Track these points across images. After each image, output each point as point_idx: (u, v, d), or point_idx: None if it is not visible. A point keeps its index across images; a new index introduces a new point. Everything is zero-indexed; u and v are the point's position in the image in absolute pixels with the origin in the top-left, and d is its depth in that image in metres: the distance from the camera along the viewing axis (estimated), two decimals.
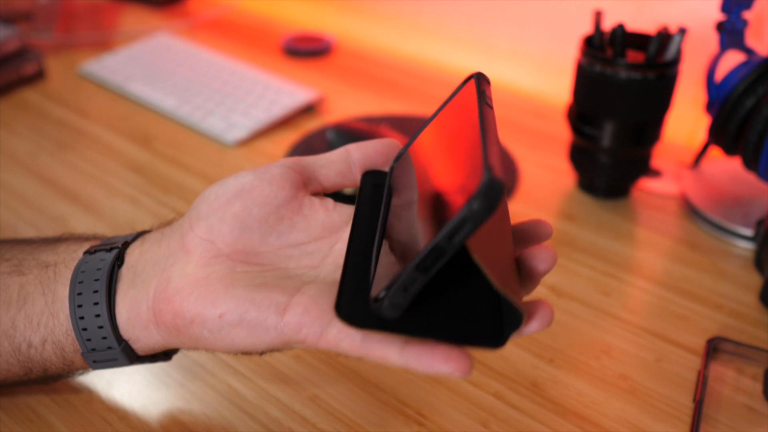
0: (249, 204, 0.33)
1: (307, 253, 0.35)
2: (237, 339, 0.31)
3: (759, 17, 0.68)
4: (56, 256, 0.37)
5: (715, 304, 0.52)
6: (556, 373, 0.46)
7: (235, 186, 0.34)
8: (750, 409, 0.44)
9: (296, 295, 0.31)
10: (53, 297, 0.36)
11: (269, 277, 0.33)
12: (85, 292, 0.35)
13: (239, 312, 0.31)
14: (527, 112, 0.80)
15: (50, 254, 0.38)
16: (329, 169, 0.37)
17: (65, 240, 0.39)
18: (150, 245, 0.36)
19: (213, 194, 0.34)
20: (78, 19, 1.02)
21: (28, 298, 0.36)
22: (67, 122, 0.76)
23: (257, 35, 0.99)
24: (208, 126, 0.74)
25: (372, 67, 0.91)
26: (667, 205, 0.64)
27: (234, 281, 0.32)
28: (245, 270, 0.33)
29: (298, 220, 0.35)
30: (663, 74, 0.57)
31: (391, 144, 0.38)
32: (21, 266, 0.37)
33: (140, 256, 0.35)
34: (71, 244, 0.38)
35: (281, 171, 0.34)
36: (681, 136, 0.76)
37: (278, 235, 0.34)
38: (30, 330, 0.36)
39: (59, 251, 0.38)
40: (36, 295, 0.36)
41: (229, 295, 0.31)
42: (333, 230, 0.35)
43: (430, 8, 0.94)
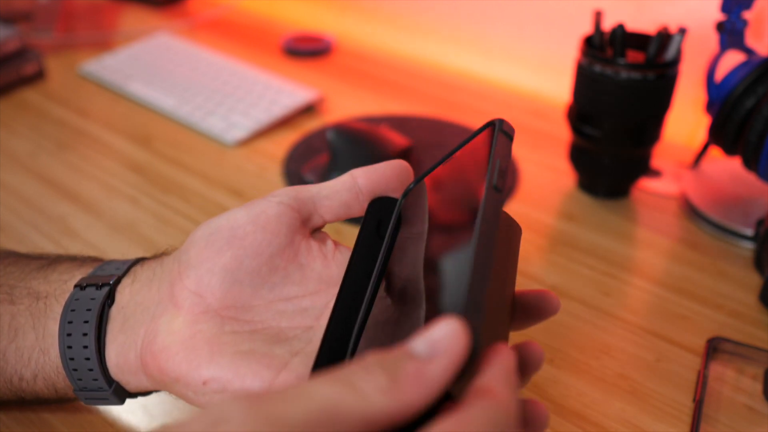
0: (241, 254, 0.32)
1: (301, 309, 0.33)
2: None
3: (759, 17, 0.68)
4: (48, 285, 0.36)
5: (715, 304, 0.52)
6: (556, 373, 0.46)
7: (227, 230, 0.32)
8: (750, 409, 0.44)
9: (282, 372, 0.30)
10: (44, 332, 0.35)
11: (258, 342, 0.31)
12: (75, 333, 0.33)
13: (223, 382, 0.30)
14: (527, 112, 0.80)
15: (42, 283, 0.36)
16: (333, 200, 0.34)
17: (57, 265, 0.38)
18: (141, 286, 0.34)
19: (204, 239, 0.32)
20: (78, 19, 1.02)
21: (19, 330, 0.35)
22: (67, 122, 0.76)
23: (257, 35, 0.99)
24: (208, 126, 0.74)
25: (372, 67, 0.91)
26: (667, 205, 0.64)
27: (221, 346, 0.31)
28: (234, 330, 0.31)
29: (293, 270, 0.33)
30: (663, 74, 0.57)
31: (401, 168, 0.35)
32: (12, 294, 0.36)
33: (131, 297, 0.34)
34: (63, 273, 0.37)
35: (277, 212, 0.33)
36: (681, 136, 0.76)
37: (271, 288, 0.32)
38: (21, 364, 0.35)
39: (51, 280, 0.36)
40: (27, 328, 0.35)
41: (214, 363, 0.30)
42: (330, 283, 0.34)
43: (430, 8, 0.94)
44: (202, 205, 0.63)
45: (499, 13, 0.88)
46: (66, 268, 0.37)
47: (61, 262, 0.38)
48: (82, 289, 0.35)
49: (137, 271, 0.35)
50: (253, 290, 0.32)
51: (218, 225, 0.32)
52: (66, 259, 0.38)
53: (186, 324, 0.31)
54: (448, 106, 0.81)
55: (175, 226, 0.60)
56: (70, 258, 0.39)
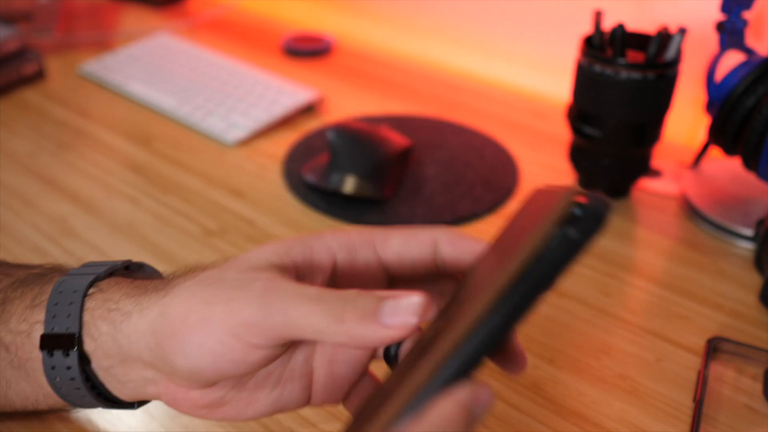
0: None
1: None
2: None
3: (759, 17, 0.68)
4: (12, 336, 0.34)
5: (715, 304, 0.52)
6: (556, 373, 0.46)
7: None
8: (750, 409, 0.44)
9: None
10: (39, 383, 0.34)
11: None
12: (73, 396, 0.33)
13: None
14: (527, 112, 0.80)
15: (5, 332, 0.34)
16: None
17: (9, 306, 0.35)
18: (115, 351, 0.32)
19: (181, 356, 0.30)
20: (78, 19, 1.02)
21: (11, 381, 0.34)
22: (67, 122, 0.76)
23: (257, 35, 0.99)
24: (208, 126, 0.74)
25: (372, 67, 0.91)
26: (667, 205, 0.64)
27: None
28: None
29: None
30: (663, 74, 0.57)
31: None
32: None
33: (107, 360, 0.32)
34: (20, 321, 0.34)
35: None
36: (681, 136, 0.76)
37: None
38: (30, 402, 0.35)
39: (11, 328, 0.34)
40: (17, 379, 0.34)
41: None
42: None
43: (430, 8, 0.94)
44: (202, 205, 0.63)
45: (499, 13, 0.88)
46: (21, 312, 0.34)
47: (12, 301, 0.35)
48: (50, 355, 0.32)
49: (95, 334, 0.32)
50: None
51: (198, 364, 0.30)
52: (15, 296, 0.35)
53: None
54: (448, 106, 0.81)
55: (175, 226, 0.60)
56: (18, 292, 0.35)
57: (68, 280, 0.34)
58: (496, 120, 0.78)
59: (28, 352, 0.33)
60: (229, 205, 0.63)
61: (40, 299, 0.34)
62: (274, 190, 0.65)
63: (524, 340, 0.49)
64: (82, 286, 0.33)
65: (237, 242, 0.58)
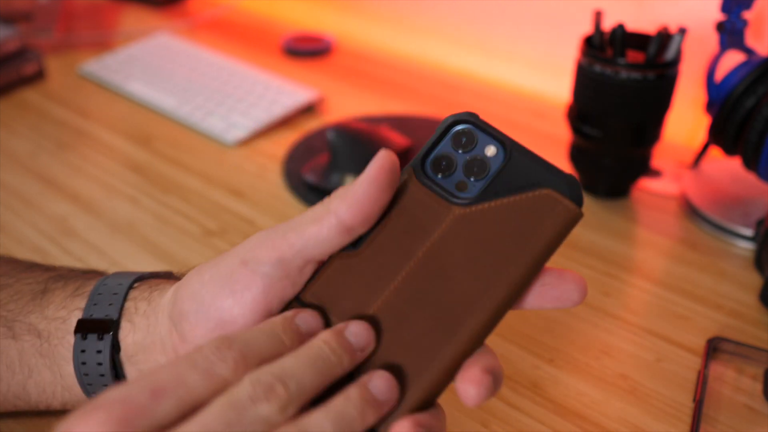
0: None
1: None
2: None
3: (759, 17, 0.68)
4: (47, 323, 0.35)
5: (715, 304, 0.52)
6: (556, 373, 0.46)
7: (216, 322, 0.30)
8: (750, 409, 0.44)
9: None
10: (60, 373, 0.35)
11: None
12: (95, 383, 0.34)
13: None
14: (527, 112, 0.80)
15: (40, 319, 0.36)
16: (324, 249, 0.30)
17: (50, 295, 0.36)
18: (143, 336, 0.33)
19: (199, 325, 0.30)
20: (78, 19, 1.02)
21: (34, 369, 0.35)
22: (67, 122, 0.76)
23: (257, 35, 0.99)
24: (208, 126, 0.74)
25: (372, 67, 0.91)
26: (667, 205, 0.64)
27: None
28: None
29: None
30: (663, 74, 0.57)
31: (386, 172, 0.31)
32: (12, 329, 0.36)
33: (135, 349, 0.34)
34: (58, 308, 0.36)
35: (264, 288, 0.30)
36: (681, 136, 0.76)
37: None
38: (45, 397, 0.36)
39: (48, 317, 0.36)
40: (41, 367, 0.35)
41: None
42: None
43: (430, 8, 0.94)
44: (202, 205, 0.63)
45: (499, 13, 0.88)
46: (60, 301, 0.36)
47: (53, 291, 0.37)
48: (83, 338, 0.34)
49: (133, 317, 0.34)
50: None
51: (208, 315, 0.30)
52: (56, 286, 0.37)
53: None
54: (448, 106, 0.81)
55: (175, 226, 0.60)
56: (60, 283, 0.37)
57: (113, 277, 0.36)
58: (496, 120, 0.78)
59: (60, 337, 0.35)
60: (229, 205, 0.63)
61: (83, 290, 0.36)
62: (274, 190, 0.65)
63: (524, 340, 0.49)
64: (129, 280, 0.35)
65: (237, 242, 0.58)
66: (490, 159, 0.30)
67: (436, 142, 0.31)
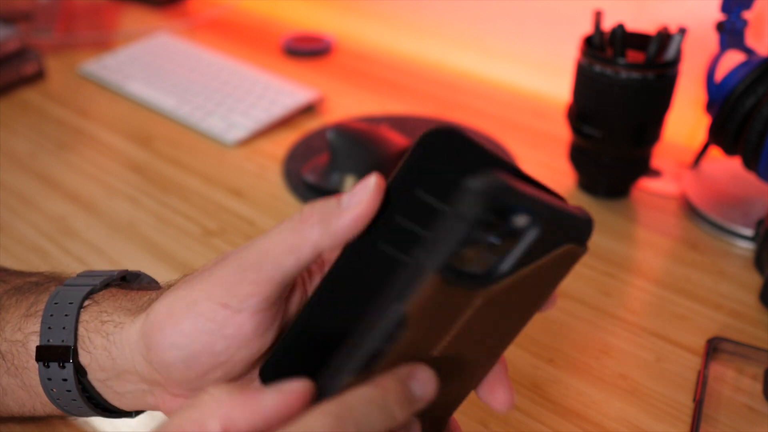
0: (230, 370, 0.30)
1: None
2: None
3: (759, 17, 0.68)
4: (8, 344, 0.34)
5: (715, 304, 0.52)
6: (556, 373, 0.46)
7: (206, 356, 0.29)
8: (750, 409, 0.44)
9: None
10: (35, 392, 0.34)
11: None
12: (69, 407, 0.33)
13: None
14: (527, 112, 0.80)
15: (0, 340, 0.34)
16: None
17: (4, 313, 0.35)
18: (110, 366, 0.32)
19: (181, 362, 0.30)
20: (78, 19, 1.02)
21: (7, 389, 0.34)
22: (67, 122, 0.76)
23: (257, 35, 0.99)
24: (208, 126, 0.74)
25: (372, 67, 0.91)
26: (667, 205, 0.64)
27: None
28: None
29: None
30: (663, 74, 0.57)
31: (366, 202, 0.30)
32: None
33: (103, 373, 0.33)
34: (14, 330, 0.34)
35: (254, 326, 0.29)
36: (681, 136, 0.76)
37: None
38: (26, 409, 0.35)
39: (6, 337, 0.34)
40: (14, 387, 0.34)
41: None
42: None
43: (429, 8, 0.94)
44: (202, 205, 0.63)
45: (499, 13, 0.88)
46: (15, 321, 0.34)
47: (8, 309, 0.35)
48: (46, 366, 0.32)
49: (91, 349, 0.32)
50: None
51: (201, 361, 0.29)
52: (9, 303, 0.35)
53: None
54: (448, 106, 0.81)
55: (175, 226, 0.60)
56: (13, 300, 0.35)
57: (64, 291, 0.34)
58: (496, 120, 0.78)
59: (24, 361, 0.33)
60: (229, 205, 0.63)
61: (35, 308, 0.34)
62: (273, 190, 0.65)
63: (524, 339, 0.49)
64: (78, 297, 0.33)
65: (237, 242, 0.58)
66: (519, 231, 0.25)
67: (465, 232, 0.23)
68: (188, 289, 0.29)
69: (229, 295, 0.28)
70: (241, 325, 0.28)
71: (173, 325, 0.29)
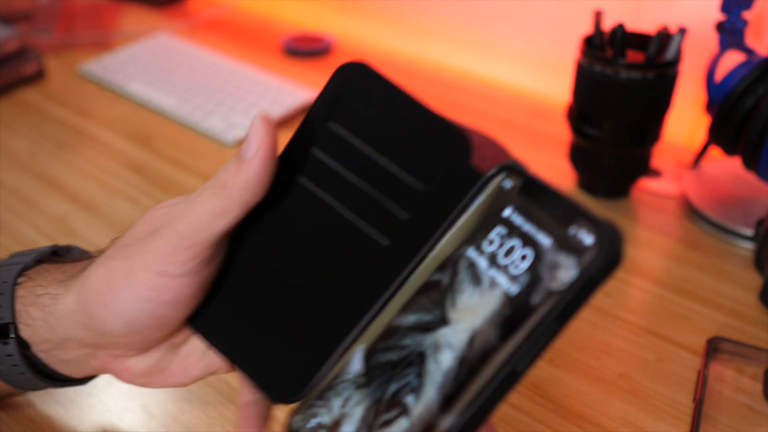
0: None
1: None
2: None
3: (759, 17, 0.68)
4: None
5: (715, 304, 0.52)
6: (556, 373, 0.46)
7: (157, 325, 0.31)
8: (750, 409, 0.44)
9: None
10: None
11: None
12: (17, 378, 0.34)
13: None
14: (527, 112, 0.80)
15: None
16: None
17: None
18: (51, 336, 0.33)
19: (125, 329, 0.31)
20: (78, 19, 1.02)
21: None
22: (67, 122, 0.76)
23: (257, 35, 0.99)
24: (208, 126, 0.74)
25: None
26: (667, 205, 0.64)
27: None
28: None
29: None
30: (663, 74, 0.57)
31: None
32: None
33: (46, 344, 0.33)
34: None
35: (177, 294, 0.30)
36: (681, 136, 0.76)
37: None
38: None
39: None
40: None
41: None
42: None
43: (430, 8, 0.94)
44: None
45: (499, 13, 0.88)
46: None
47: None
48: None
49: (30, 321, 0.33)
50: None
51: (133, 318, 0.30)
52: None
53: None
54: (448, 106, 0.81)
55: None
56: None
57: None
58: (496, 120, 0.78)
59: None
60: None
61: None
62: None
63: None
64: (11, 275, 0.34)
65: None
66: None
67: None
68: (124, 260, 0.30)
69: (166, 263, 0.29)
70: (179, 289, 0.30)
71: (112, 294, 0.30)
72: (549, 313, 0.22)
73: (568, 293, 0.22)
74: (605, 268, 0.22)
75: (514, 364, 0.22)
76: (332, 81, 0.30)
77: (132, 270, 0.30)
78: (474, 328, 0.24)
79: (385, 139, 0.29)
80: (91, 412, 0.42)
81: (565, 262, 0.22)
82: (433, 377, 0.24)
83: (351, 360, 0.27)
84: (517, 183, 0.25)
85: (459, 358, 0.24)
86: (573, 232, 0.23)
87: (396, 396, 0.25)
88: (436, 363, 0.24)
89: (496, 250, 0.25)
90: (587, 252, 0.22)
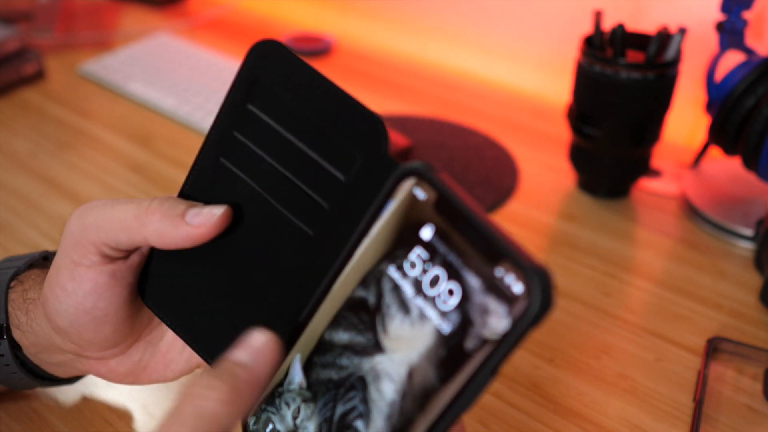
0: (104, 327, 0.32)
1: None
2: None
3: (759, 17, 0.68)
4: None
5: (715, 304, 0.52)
6: (556, 372, 0.46)
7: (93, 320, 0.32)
8: (750, 409, 0.44)
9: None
10: None
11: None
12: (8, 377, 0.35)
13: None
14: (527, 112, 0.80)
15: None
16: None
17: None
18: (36, 341, 0.34)
19: (73, 328, 0.32)
20: (78, 19, 1.02)
21: None
22: (67, 122, 0.76)
23: (257, 35, 0.98)
24: (207, 126, 0.74)
25: (372, 67, 0.90)
26: (667, 205, 0.64)
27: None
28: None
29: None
30: (663, 74, 0.57)
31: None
32: None
33: (34, 348, 0.35)
34: None
35: (107, 280, 0.31)
36: (681, 136, 0.76)
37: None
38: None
39: None
40: None
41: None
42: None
43: (430, 8, 0.94)
44: None
45: (499, 13, 0.88)
46: None
47: None
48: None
49: (20, 325, 0.34)
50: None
51: (70, 313, 0.31)
52: None
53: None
54: (448, 106, 0.81)
55: None
56: None
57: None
58: (496, 120, 0.78)
59: None
60: None
61: None
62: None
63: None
64: (4, 279, 0.35)
65: None
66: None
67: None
68: (56, 257, 0.31)
69: (75, 253, 0.30)
70: (94, 279, 0.30)
71: (52, 293, 0.31)
72: (486, 363, 0.22)
73: (503, 344, 0.22)
74: (537, 316, 0.21)
75: (457, 410, 0.22)
76: (246, 60, 0.30)
77: (58, 266, 0.31)
78: (411, 362, 0.24)
79: (303, 125, 0.29)
80: (91, 412, 0.42)
81: (495, 309, 0.22)
82: (378, 407, 0.24)
83: (291, 368, 0.27)
84: (431, 195, 0.24)
85: (401, 391, 0.24)
86: (500, 275, 0.22)
87: (345, 419, 0.25)
88: (378, 392, 0.24)
89: (419, 276, 0.24)
90: (518, 301, 0.21)
